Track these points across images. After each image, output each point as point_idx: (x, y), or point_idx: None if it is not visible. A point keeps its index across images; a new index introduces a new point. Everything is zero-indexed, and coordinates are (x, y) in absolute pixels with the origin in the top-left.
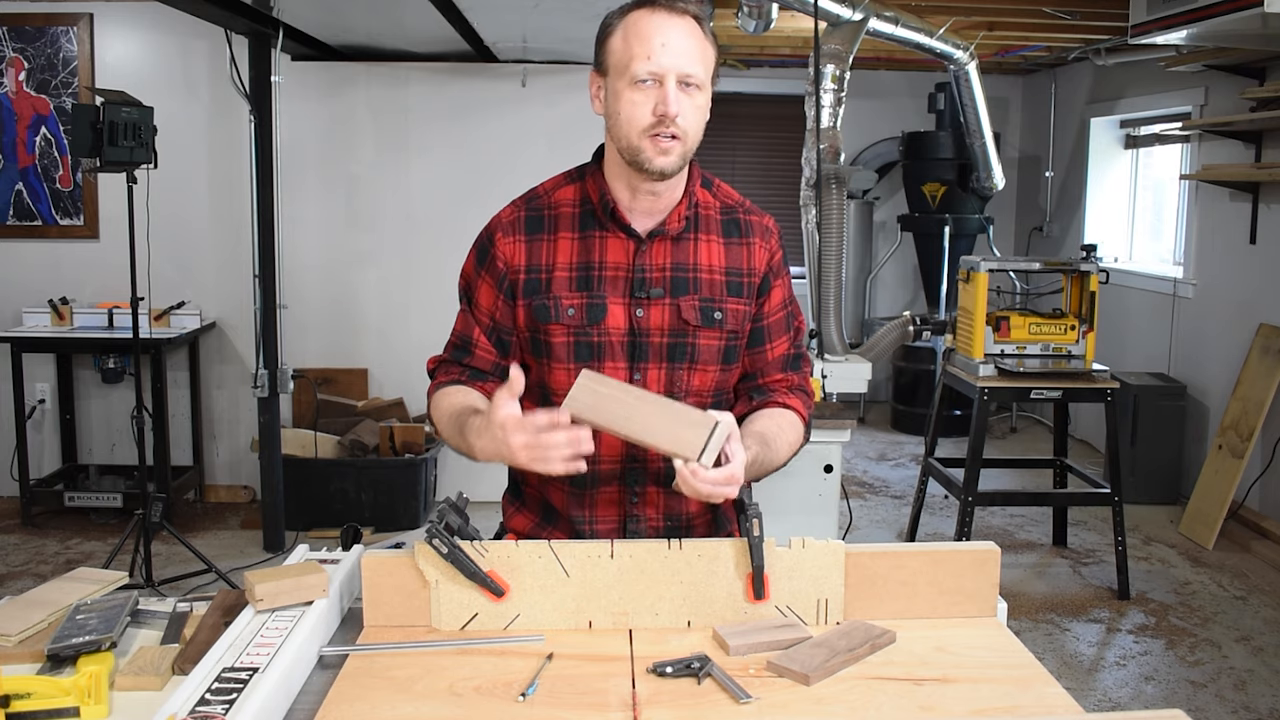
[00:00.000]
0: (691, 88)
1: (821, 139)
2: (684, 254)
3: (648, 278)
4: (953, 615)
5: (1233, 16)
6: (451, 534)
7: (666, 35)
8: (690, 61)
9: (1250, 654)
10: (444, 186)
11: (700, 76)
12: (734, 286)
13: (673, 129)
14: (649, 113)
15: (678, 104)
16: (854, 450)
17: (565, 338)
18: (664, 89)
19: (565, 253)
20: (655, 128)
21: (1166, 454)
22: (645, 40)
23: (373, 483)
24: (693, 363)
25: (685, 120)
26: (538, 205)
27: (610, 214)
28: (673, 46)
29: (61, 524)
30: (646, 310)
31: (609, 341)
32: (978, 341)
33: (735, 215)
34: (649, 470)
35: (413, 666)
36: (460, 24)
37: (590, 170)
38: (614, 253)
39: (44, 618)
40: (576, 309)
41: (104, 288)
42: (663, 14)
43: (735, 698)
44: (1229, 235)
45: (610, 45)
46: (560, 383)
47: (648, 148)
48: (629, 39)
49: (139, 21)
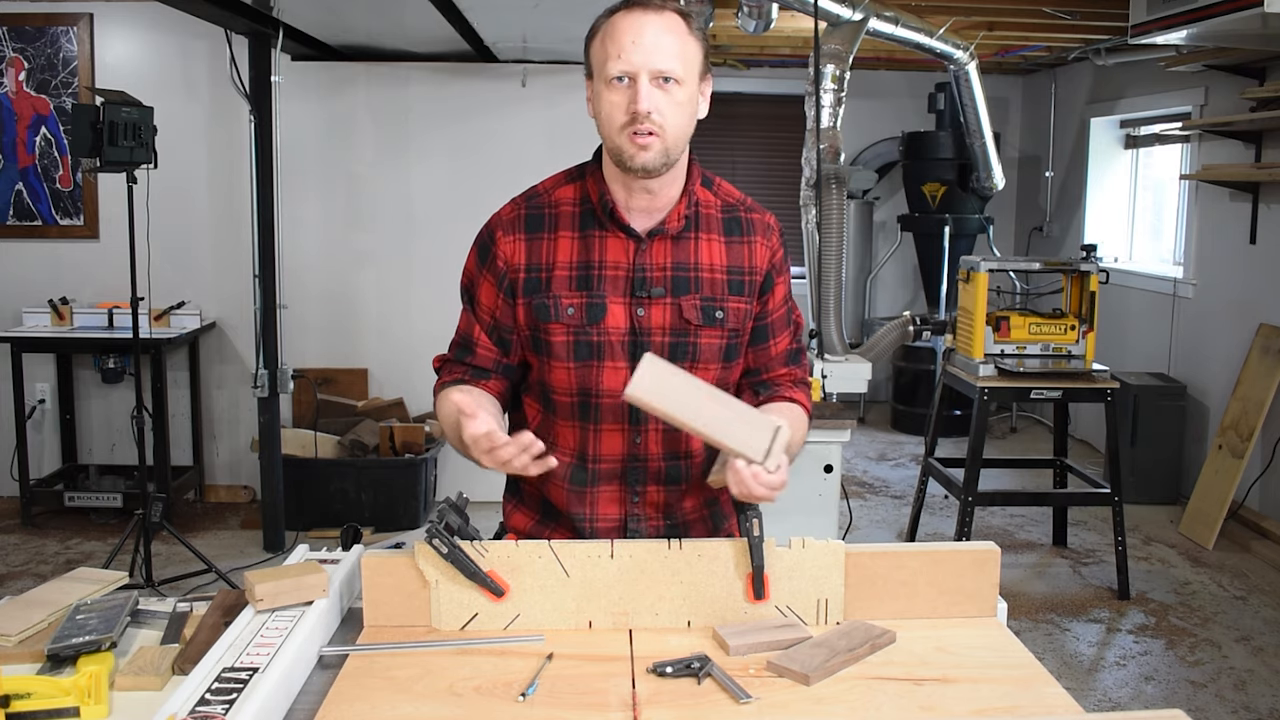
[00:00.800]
0: (670, 83)
1: (821, 139)
2: (685, 253)
3: (649, 277)
4: (953, 615)
5: (1233, 16)
6: (451, 534)
7: (639, 33)
8: (665, 57)
9: (1250, 654)
10: (444, 186)
11: (678, 71)
12: (735, 285)
13: (648, 125)
14: (623, 110)
15: (650, 100)
16: (854, 450)
17: (565, 337)
18: (636, 86)
19: (565, 251)
20: (631, 125)
21: (1166, 454)
22: (618, 40)
23: (373, 483)
24: (694, 362)
25: (662, 116)
26: (538, 204)
27: (609, 213)
28: (645, 43)
29: (61, 524)
30: (648, 310)
31: (608, 341)
32: (978, 341)
33: (736, 214)
34: (649, 469)
35: (413, 666)
36: (460, 24)
37: (590, 169)
38: (614, 252)
39: (44, 618)
40: (576, 308)
41: (104, 288)
42: (637, 12)
43: (735, 698)
44: (1229, 235)
45: (592, 48)
46: (560, 382)
47: (626, 145)
48: (604, 40)
49: (139, 21)
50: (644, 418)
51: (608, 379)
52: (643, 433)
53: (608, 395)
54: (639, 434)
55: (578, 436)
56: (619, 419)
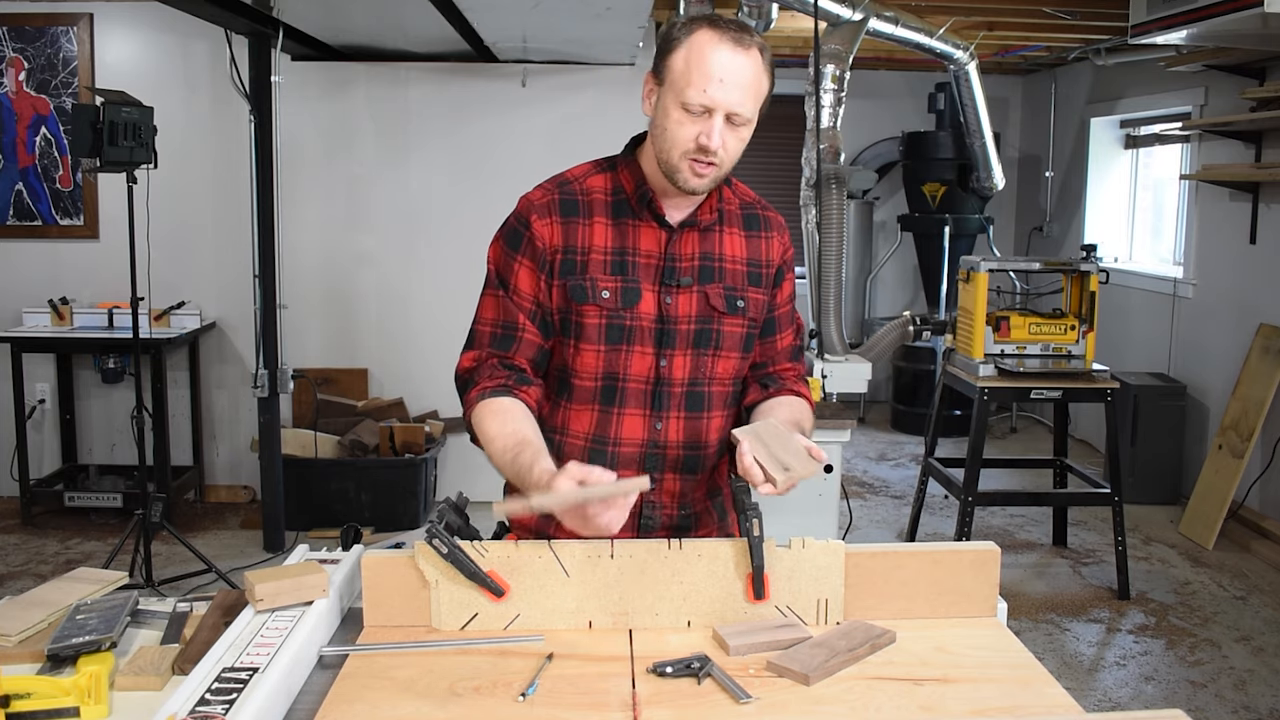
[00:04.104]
0: (739, 123)
1: (821, 139)
2: (710, 244)
3: (678, 266)
4: (953, 615)
5: (1233, 16)
6: (451, 534)
7: (728, 71)
8: (743, 100)
9: (1250, 654)
10: (444, 186)
11: (749, 113)
12: (754, 277)
13: (711, 158)
14: (692, 138)
15: (721, 138)
16: (854, 450)
17: (598, 319)
18: (711, 122)
19: (601, 237)
20: (695, 154)
21: (1166, 454)
22: (705, 71)
23: (373, 483)
24: (718, 349)
25: (726, 151)
26: (570, 190)
27: (647, 204)
28: (730, 83)
29: (61, 524)
30: (675, 298)
31: (640, 326)
32: (978, 341)
33: (754, 210)
34: (668, 457)
35: (413, 666)
36: (460, 24)
37: (622, 161)
38: (646, 241)
39: (44, 618)
40: (612, 292)
41: (104, 288)
42: (729, 46)
43: (735, 698)
44: (1229, 235)
45: (672, 61)
46: (588, 365)
47: (685, 169)
48: (690, 62)
49: (139, 21)
50: (666, 404)
51: (635, 363)
52: (664, 419)
53: (633, 380)
54: (660, 420)
55: (597, 420)
56: (642, 404)
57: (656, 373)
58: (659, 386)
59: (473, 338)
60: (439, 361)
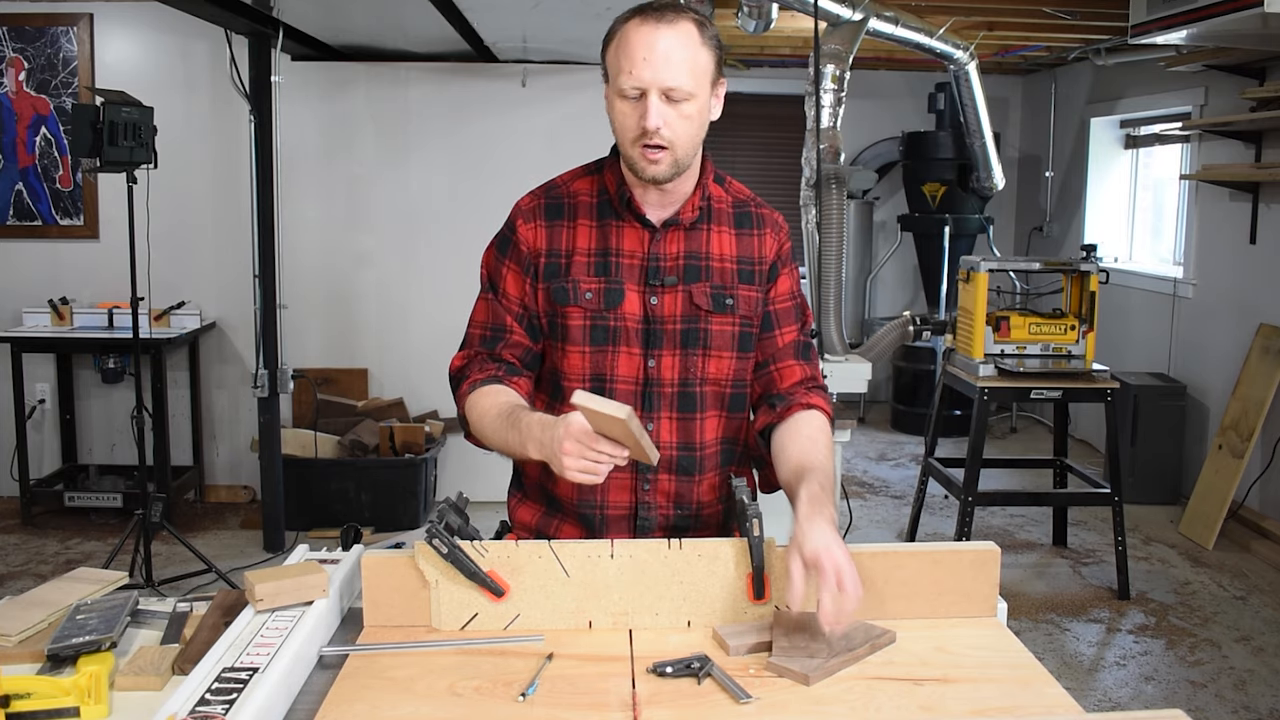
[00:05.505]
0: (679, 99)
1: (821, 139)
2: (696, 243)
3: (662, 266)
4: (953, 615)
5: (1233, 16)
6: (451, 534)
7: (650, 48)
8: (675, 74)
9: (1250, 654)
10: (444, 186)
11: (687, 87)
12: (745, 274)
13: (657, 140)
14: (636, 125)
15: (659, 118)
16: (854, 450)
17: (582, 321)
18: (645, 103)
19: (584, 239)
20: (641, 139)
21: (1166, 454)
22: (630, 53)
23: (373, 483)
24: (706, 349)
25: (672, 131)
26: (556, 194)
27: (626, 204)
28: (655, 59)
29: (61, 524)
30: (661, 298)
31: (625, 327)
32: (978, 341)
33: (747, 209)
34: (662, 458)
35: (413, 666)
36: (460, 24)
37: (608, 164)
38: (630, 241)
39: (44, 618)
40: (594, 293)
41: (104, 288)
42: (651, 25)
43: (735, 698)
44: (1229, 235)
45: (608, 55)
46: (574, 367)
47: (638, 158)
48: (618, 51)
49: (139, 21)
50: (657, 405)
51: (622, 364)
52: (655, 420)
53: (622, 381)
54: (651, 421)
55: None
56: (632, 406)
57: (645, 373)
58: (649, 387)
59: (465, 339)
60: (439, 361)
